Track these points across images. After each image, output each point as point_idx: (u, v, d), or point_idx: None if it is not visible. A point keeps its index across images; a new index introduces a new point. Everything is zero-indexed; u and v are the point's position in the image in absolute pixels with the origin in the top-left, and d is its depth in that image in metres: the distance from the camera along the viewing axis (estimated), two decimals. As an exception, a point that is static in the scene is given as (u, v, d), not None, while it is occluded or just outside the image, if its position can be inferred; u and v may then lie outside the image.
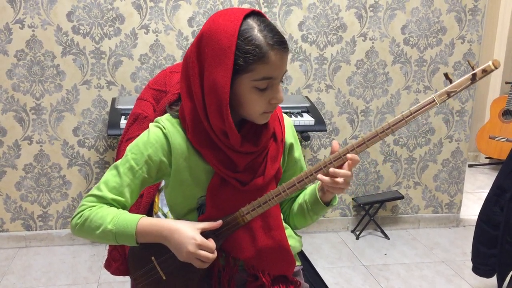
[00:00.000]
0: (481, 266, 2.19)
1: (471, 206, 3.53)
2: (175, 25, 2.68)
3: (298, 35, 2.79)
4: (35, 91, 2.66)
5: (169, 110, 1.21)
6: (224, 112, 1.07)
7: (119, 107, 2.49)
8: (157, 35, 2.67)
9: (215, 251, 1.11)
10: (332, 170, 1.10)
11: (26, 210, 2.81)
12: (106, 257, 1.66)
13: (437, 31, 2.93)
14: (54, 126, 2.72)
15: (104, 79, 2.69)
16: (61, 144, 2.75)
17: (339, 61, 2.88)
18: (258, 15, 1.09)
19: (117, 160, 1.18)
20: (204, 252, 1.08)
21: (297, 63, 2.84)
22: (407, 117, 1.08)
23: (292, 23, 2.77)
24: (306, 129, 2.56)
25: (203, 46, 1.08)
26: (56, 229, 2.86)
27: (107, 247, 1.72)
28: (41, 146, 2.73)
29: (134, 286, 1.29)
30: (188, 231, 1.09)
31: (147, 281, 1.22)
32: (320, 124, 2.56)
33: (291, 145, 1.28)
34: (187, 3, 2.66)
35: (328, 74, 2.89)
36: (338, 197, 1.31)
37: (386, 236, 3.05)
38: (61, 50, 2.62)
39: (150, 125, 1.19)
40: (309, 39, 2.81)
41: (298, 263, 1.35)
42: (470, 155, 4.62)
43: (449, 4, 2.89)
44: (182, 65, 1.16)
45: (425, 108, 1.08)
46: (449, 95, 1.07)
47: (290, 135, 1.28)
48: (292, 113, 2.61)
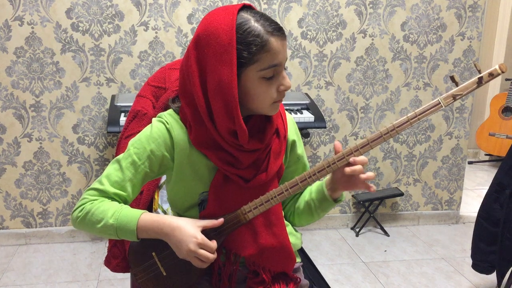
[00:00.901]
0: (481, 263, 2.20)
1: (471, 203, 3.54)
2: (175, 22, 2.68)
3: (298, 32, 2.79)
4: (35, 88, 2.65)
5: (172, 105, 1.21)
6: (234, 110, 1.07)
7: (119, 104, 2.49)
8: (157, 32, 2.67)
9: (215, 252, 1.11)
10: (353, 159, 1.10)
11: (26, 208, 2.81)
12: (106, 254, 1.66)
13: (437, 28, 2.92)
14: (54, 123, 2.71)
15: (104, 76, 2.69)
16: (61, 141, 2.75)
17: (339, 58, 2.87)
18: (250, 8, 1.10)
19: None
20: (204, 252, 1.08)
21: (297, 60, 2.84)
22: (412, 119, 1.08)
23: (292, 20, 2.77)
24: (306, 126, 2.56)
25: (202, 47, 1.07)
26: (56, 226, 2.87)
27: (107, 244, 1.72)
28: (41, 143, 2.73)
29: (134, 282, 1.29)
30: (189, 229, 1.09)
31: (148, 277, 1.22)
32: (320, 121, 2.56)
33: (294, 142, 1.28)
34: (187, 0, 2.65)
35: (328, 71, 2.89)
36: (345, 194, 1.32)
37: (386, 233, 3.05)
38: (61, 47, 2.62)
39: (153, 120, 1.19)
40: (309, 36, 2.81)
41: (298, 260, 1.35)
42: (470, 152, 4.62)
43: (449, 1, 2.89)
44: (179, 75, 1.15)
45: (431, 111, 1.07)
46: (455, 98, 1.07)
47: (293, 132, 1.28)
48: (292, 110, 2.61)
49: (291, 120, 1.29)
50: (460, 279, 2.58)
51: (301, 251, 1.48)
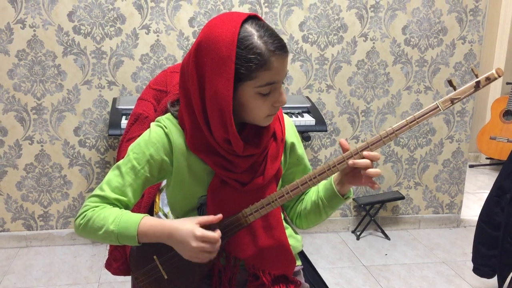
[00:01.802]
0: (482, 267, 2.19)
1: (472, 207, 3.53)
2: (176, 25, 2.68)
3: (299, 36, 2.80)
4: (36, 91, 2.66)
5: (171, 108, 1.21)
6: (228, 122, 1.07)
7: (120, 107, 2.50)
8: (158, 35, 2.68)
9: (219, 240, 1.09)
10: (367, 153, 1.09)
11: (27, 210, 2.81)
12: (107, 257, 1.66)
13: (438, 32, 2.93)
14: (55, 126, 2.72)
15: (105, 79, 2.69)
16: (62, 144, 2.75)
17: (340, 62, 2.88)
18: (256, 19, 1.07)
19: (118, 160, 1.19)
20: (208, 244, 1.07)
21: (298, 64, 2.84)
22: (411, 123, 1.09)
23: (293, 24, 2.78)
24: (307, 130, 2.56)
25: (202, 56, 1.07)
26: (57, 229, 2.87)
27: (108, 247, 1.73)
28: (42, 146, 2.74)
29: (135, 285, 1.29)
30: (187, 227, 1.08)
31: (149, 280, 1.22)
32: (321, 125, 2.56)
33: (293, 144, 1.28)
34: (188, 3, 2.66)
35: (329, 75, 2.89)
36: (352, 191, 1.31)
37: (387, 237, 3.05)
38: (62, 50, 2.62)
39: (152, 125, 1.19)
40: (310, 40, 2.81)
41: (299, 263, 1.35)
42: (471, 156, 4.61)
43: (450, 5, 2.89)
44: (180, 75, 1.15)
45: (429, 114, 1.09)
46: (453, 102, 1.09)
47: (292, 134, 1.28)
48: (293, 114, 2.61)
49: (290, 123, 1.29)
50: (461, 283, 2.57)
51: (302, 254, 1.48)
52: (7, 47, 2.58)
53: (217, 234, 1.09)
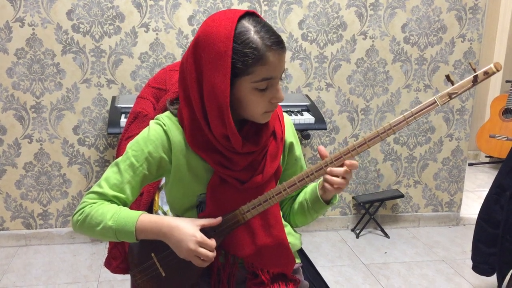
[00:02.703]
0: (481, 265, 2.19)
1: (471, 205, 3.53)
2: (175, 24, 2.68)
3: (298, 34, 2.79)
4: (35, 90, 2.66)
5: (170, 107, 1.21)
6: (226, 117, 1.07)
7: (119, 106, 2.49)
8: (157, 34, 2.67)
9: (215, 250, 1.11)
10: (329, 170, 1.11)
11: (26, 209, 2.81)
12: (106, 256, 1.66)
13: (438, 30, 2.92)
14: (54, 125, 2.72)
15: (104, 78, 2.69)
16: (61, 143, 2.75)
17: (339, 60, 2.88)
18: (253, 16, 1.08)
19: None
20: (204, 250, 1.09)
21: (297, 62, 2.84)
22: (409, 118, 1.09)
23: (292, 22, 2.77)
24: (306, 128, 2.56)
25: (200, 51, 1.07)
26: (56, 228, 2.87)
27: (107, 246, 1.73)
28: (41, 145, 2.73)
29: (134, 283, 1.29)
30: (188, 228, 1.09)
31: (147, 278, 1.22)
32: (320, 123, 2.56)
33: (291, 144, 1.28)
34: (187, 2, 2.65)
35: (328, 73, 2.89)
36: (338, 195, 1.31)
37: (386, 235, 3.05)
38: (61, 49, 2.62)
39: (151, 122, 1.19)
40: (309, 38, 2.81)
41: (298, 261, 1.35)
42: (470, 154, 4.62)
43: (450, 3, 2.89)
44: (179, 71, 1.15)
45: (427, 110, 1.09)
46: (451, 97, 1.08)
47: (291, 134, 1.28)
48: (292, 112, 2.61)
49: (289, 122, 1.29)
50: (461, 281, 2.58)
51: (301, 253, 1.48)
52: (6, 46, 2.57)
53: (214, 243, 1.10)
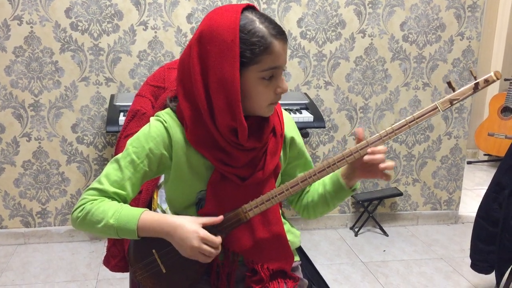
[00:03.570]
0: (480, 263, 2.20)
1: (470, 203, 3.54)
2: (174, 22, 2.68)
3: (297, 32, 2.79)
4: (34, 88, 2.65)
5: (170, 104, 1.21)
6: (236, 107, 1.08)
7: (118, 104, 2.49)
8: (156, 32, 2.67)
9: (219, 246, 1.11)
10: (371, 149, 1.12)
11: (25, 207, 2.81)
12: (105, 254, 1.66)
13: (436, 28, 2.92)
14: (53, 123, 2.71)
15: (103, 76, 2.69)
16: (60, 141, 2.74)
17: (338, 58, 2.87)
18: (253, 9, 1.11)
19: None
20: (208, 247, 1.09)
21: (296, 60, 2.84)
22: (410, 123, 1.12)
23: (291, 20, 2.77)
24: (305, 126, 2.56)
25: (205, 44, 1.08)
26: (55, 226, 2.86)
27: (106, 244, 1.72)
28: (40, 143, 2.73)
29: (134, 279, 1.29)
30: (191, 226, 1.10)
31: (147, 274, 1.22)
32: (319, 121, 2.56)
33: (292, 139, 1.29)
34: (186, 0, 2.65)
35: (327, 71, 2.89)
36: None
37: (385, 233, 3.05)
38: (60, 47, 2.61)
39: (151, 119, 1.19)
40: (308, 36, 2.81)
41: (297, 259, 1.35)
42: (469, 152, 4.62)
43: (448, 1, 2.89)
44: (178, 69, 1.16)
45: (428, 115, 1.13)
46: (452, 103, 1.13)
47: (291, 129, 1.29)
48: (291, 110, 2.61)
49: (288, 118, 1.30)
50: (459, 279, 2.58)
51: (300, 251, 1.48)
52: (4, 44, 2.57)
53: (218, 240, 1.10)
